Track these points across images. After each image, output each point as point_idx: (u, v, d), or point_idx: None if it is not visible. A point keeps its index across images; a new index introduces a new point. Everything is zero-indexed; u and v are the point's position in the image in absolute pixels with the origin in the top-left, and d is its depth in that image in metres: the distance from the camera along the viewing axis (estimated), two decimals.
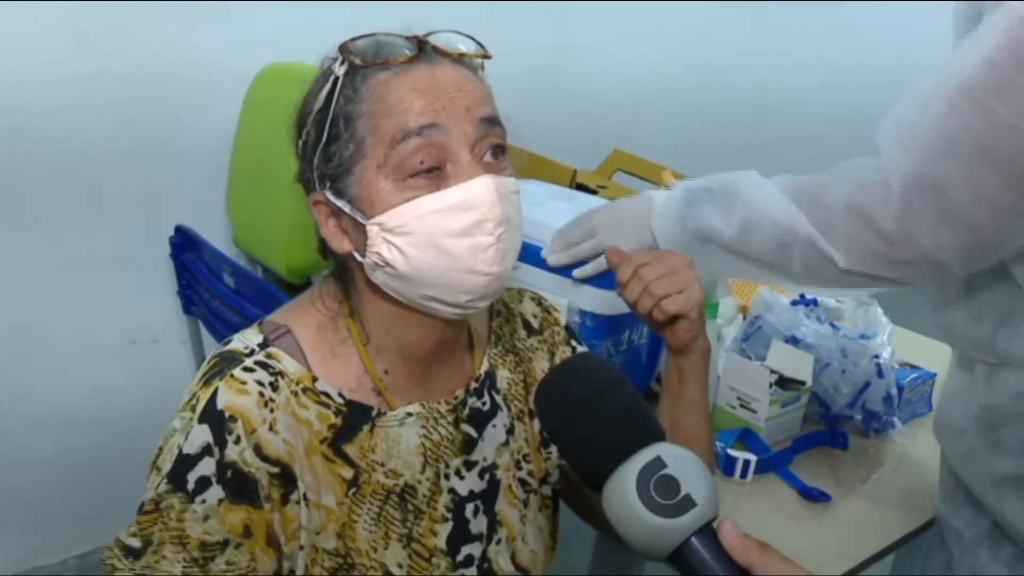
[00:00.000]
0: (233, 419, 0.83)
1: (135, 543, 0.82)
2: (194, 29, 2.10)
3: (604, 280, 1.49)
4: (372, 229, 0.84)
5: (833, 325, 1.73)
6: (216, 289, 1.93)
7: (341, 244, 0.89)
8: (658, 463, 0.66)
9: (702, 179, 1.25)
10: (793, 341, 1.69)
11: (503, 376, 1.05)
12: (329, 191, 0.87)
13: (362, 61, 0.85)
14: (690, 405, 1.06)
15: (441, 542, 0.96)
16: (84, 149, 2.06)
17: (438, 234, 0.83)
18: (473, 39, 0.91)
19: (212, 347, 2.14)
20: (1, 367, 2.12)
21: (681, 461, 0.67)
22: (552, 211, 1.60)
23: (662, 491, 0.65)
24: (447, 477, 0.97)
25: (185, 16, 2.07)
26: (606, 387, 0.74)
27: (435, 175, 0.83)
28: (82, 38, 1.98)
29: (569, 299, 1.48)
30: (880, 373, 1.63)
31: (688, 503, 0.65)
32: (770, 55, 3.46)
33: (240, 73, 2.13)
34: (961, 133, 0.93)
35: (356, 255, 0.88)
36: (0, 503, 2.22)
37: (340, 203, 0.86)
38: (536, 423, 1.07)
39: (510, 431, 1.04)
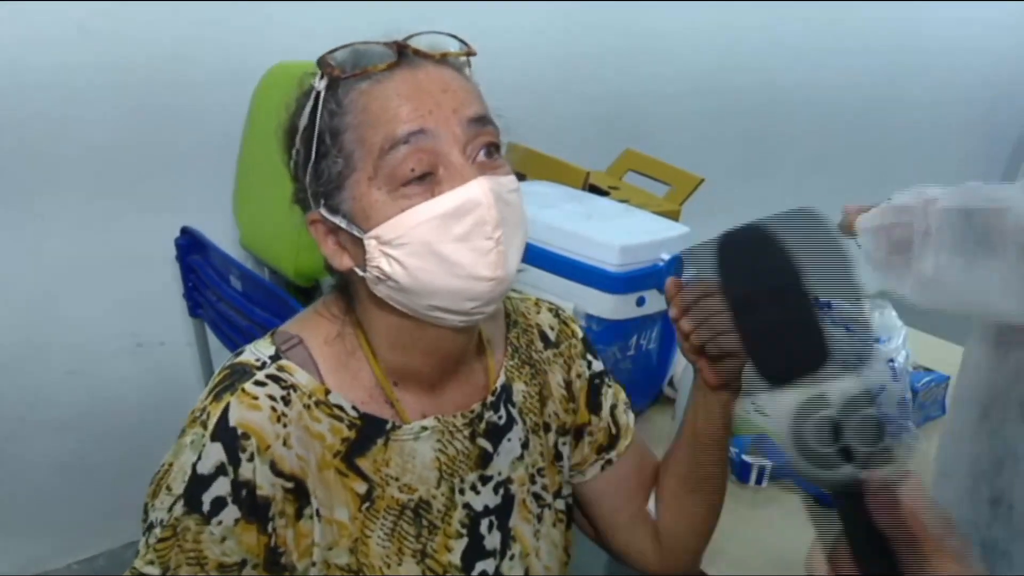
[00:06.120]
0: (246, 436, 0.82)
1: (153, 571, 0.81)
2: (201, 27, 2.08)
3: (610, 284, 1.47)
4: (370, 243, 0.83)
5: (847, 328, 1.71)
6: (223, 292, 1.92)
7: (342, 261, 0.87)
8: (822, 401, 0.61)
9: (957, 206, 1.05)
10: None
11: (519, 389, 1.03)
12: (324, 208, 0.85)
13: (341, 72, 0.83)
14: (713, 443, 1.04)
15: (456, 558, 0.95)
16: (89, 148, 2.04)
17: (436, 242, 0.81)
18: (456, 37, 0.88)
19: (219, 350, 2.14)
20: (6, 369, 2.11)
21: (851, 404, 0.61)
22: (563, 213, 1.58)
23: (822, 435, 0.61)
24: (462, 492, 0.96)
25: (192, 14, 2.06)
26: (801, 284, 0.66)
27: (428, 181, 0.81)
28: (87, 34, 1.96)
29: (575, 303, 1.47)
30: (895, 377, 1.61)
31: (849, 454, 0.60)
32: (780, 54, 3.46)
33: (247, 72, 2.11)
34: None
35: (357, 270, 0.86)
36: (4, 506, 2.20)
37: (336, 219, 0.84)
38: (551, 436, 1.06)
39: (525, 445, 1.02)
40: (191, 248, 2.04)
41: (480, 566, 0.96)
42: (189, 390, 2.24)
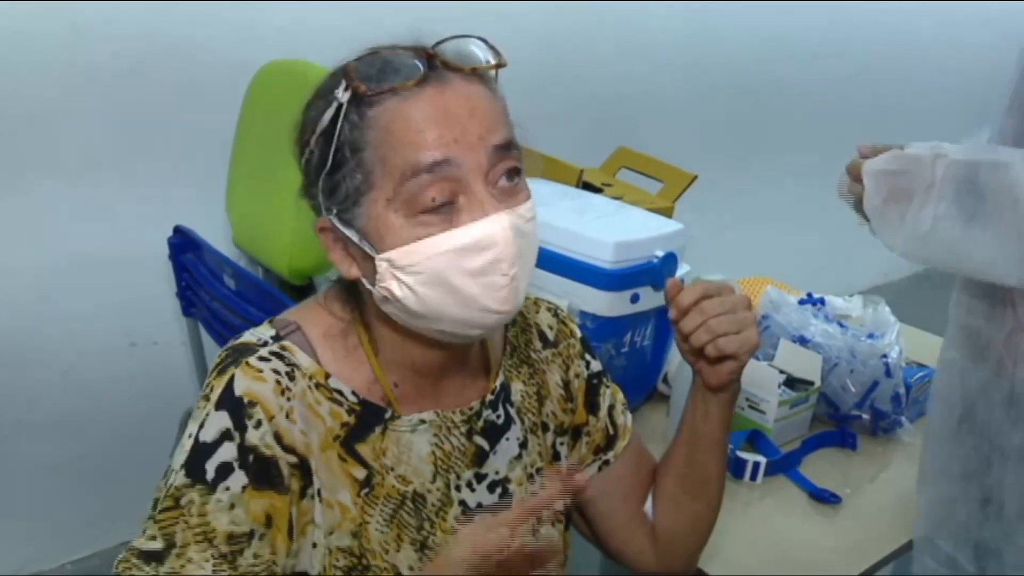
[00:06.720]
0: (252, 404, 0.81)
1: (156, 545, 0.79)
2: (194, 25, 2.07)
3: (604, 281, 1.47)
4: (382, 264, 0.82)
5: (841, 324, 1.72)
6: (216, 291, 1.91)
7: (350, 270, 0.87)
8: None
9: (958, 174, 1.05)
10: (801, 341, 1.67)
11: (517, 388, 1.03)
12: (336, 219, 0.84)
13: (368, 89, 0.80)
14: (712, 443, 1.04)
15: None
16: (81, 147, 2.04)
17: (451, 274, 0.81)
18: (486, 42, 0.86)
19: (212, 349, 2.13)
20: (0, 369, 2.10)
21: None
22: (557, 211, 1.58)
23: None
24: (458, 489, 0.96)
25: (184, 11, 2.05)
26: None
27: (447, 210, 0.81)
28: (79, 33, 1.95)
29: (569, 301, 1.47)
30: (888, 372, 1.62)
31: None
32: (773, 50, 3.46)
33: (241, 70, 2.09)
34: None
35: (365, 282, 0.86)
36: None
37: (348, 232, 0.84)
38: (549, 436, 1.06)
39: (523, 445, 1.02)
40: (184, 247, 2.03)
41: None
42: (183, 390, 2.23)
